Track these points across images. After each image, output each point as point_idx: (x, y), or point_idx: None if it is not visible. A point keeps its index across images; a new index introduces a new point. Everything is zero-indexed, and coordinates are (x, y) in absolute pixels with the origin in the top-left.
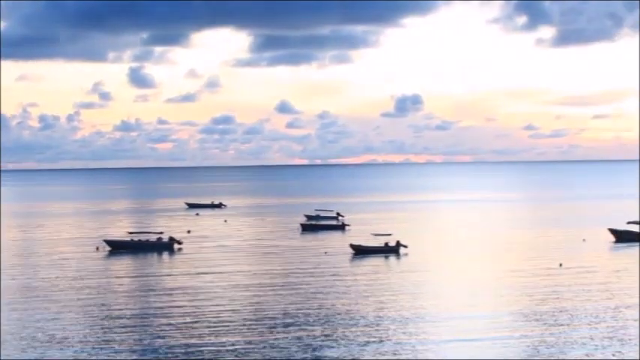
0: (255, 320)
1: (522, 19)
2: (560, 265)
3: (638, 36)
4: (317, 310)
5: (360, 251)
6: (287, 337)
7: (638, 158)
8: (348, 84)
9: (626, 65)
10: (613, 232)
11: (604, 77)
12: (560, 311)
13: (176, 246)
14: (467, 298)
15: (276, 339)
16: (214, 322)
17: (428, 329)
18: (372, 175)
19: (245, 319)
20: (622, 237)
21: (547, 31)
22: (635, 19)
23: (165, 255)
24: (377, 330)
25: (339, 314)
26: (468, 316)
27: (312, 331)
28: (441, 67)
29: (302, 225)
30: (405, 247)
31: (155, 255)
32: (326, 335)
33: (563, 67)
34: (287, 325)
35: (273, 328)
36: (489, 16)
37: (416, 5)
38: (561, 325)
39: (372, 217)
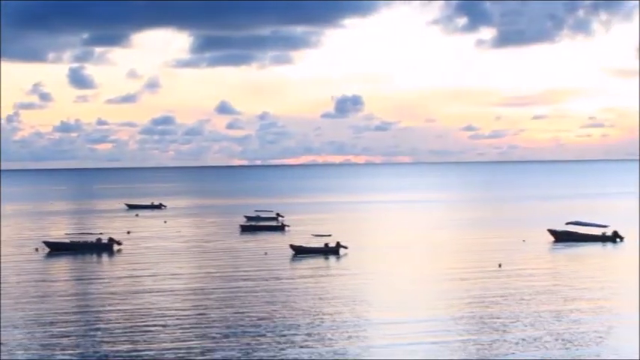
0: (194, 322)
1: (463, 20)
2: (500, 265)
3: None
4: (257, 312)
5: (300, 252)
6: (226, 339)
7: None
8: (289, 85)
9: (565, 66)
10: (552, 232)
11: (544, 78)
12: (500, 312)
13: (115, 247)
14: (406, 299)
15: (215, 341)
16: (152, 324)
17: (366, 332)
18: (312, 176)
19: (183, 320)
20: (561, 237)
21: (487, 32)
22: (575, 20)
23: (105, 256)
24: (315, 331)
25: (278, 315)
26: (406, 318)
27: (251, 332)
28: (382, 68)
29: (242, 226)
30: (345, 247)
31: (94, 256)
32: (265, 336)
33: (503, 68)
34: (227, 327)
35: (213, 330)
36: (430, 17)
37: (357, 6)
38: (500, 326)
39: (312, 217)
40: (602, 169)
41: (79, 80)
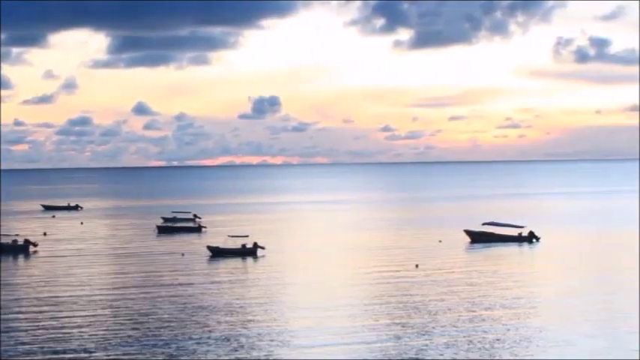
0: (110, 324)
1: (380, 22)
2: (417, 266)
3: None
4: (173, 313)
5: (218, 253)
6: (141, 342)
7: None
8: (206, 85)
9: (482, 67)
10: (468, 233)
11: (461, 79)
12: (417, 312)
13: (31, 248)
14: (323, 300)
15: (130, 343)
16: (68, 326)
17: (282, 333)
18: (229, 177)
19: (99, 321)
20: (477, 238)
21: (405, 33)
22: (492, 21)
23: (21, 257)
24: (231, 333)
25: (195, 317)
26: (323, 319)
27: (168, 334)
28: (299, 69)
29: (158, 227)
30: (263, 248)
31: (10, 257)
32: (183, 337)
33: (420, 69)
34: (143, 330)
35: (128, 332)
36: (347, 18)
37: (275, 7)
38: (417, 327)
39: (229, 218)
40: (518, 169)
41: None
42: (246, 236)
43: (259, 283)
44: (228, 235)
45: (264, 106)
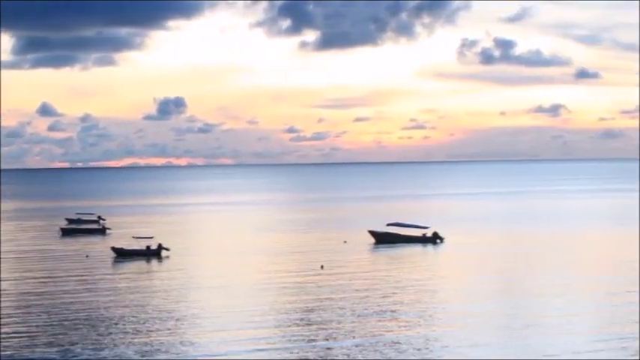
0: (12, 326)
1: (286, 23)
2: (322, 267)
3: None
4: (76, 314)
5: (122, 254)
6: (42, 343)
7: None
8: (112, 86)
9: (388, 68)
10: (373, 234)
11: (366, 80)
12: (322, 313)
13: None
14: (227, 302)
15: (30, 347)
16: None
17: (186, 335)
18: (134, 179)
19: (2, 324)
20: (382, 239)
21: (311, 35)
22: (398, 23)
23: None
24: (135, 335)
25: (98, 318)
26: (227, 322)
27: (71, 334)
28: (205, 70)
29: (62, 229)
30: (167, 249)
31: None
32: (84, 339)
33: (326, 70)
34: (44, 331)
35: (30, 333)
36: (254, 19)
37: (181, 7)
38: (322, 327)
39: (134, 220)
40: (423, 170)
41: None
42: (151, 237)
43: (163, 284)
44: (133, 237)
45: (170, 107)
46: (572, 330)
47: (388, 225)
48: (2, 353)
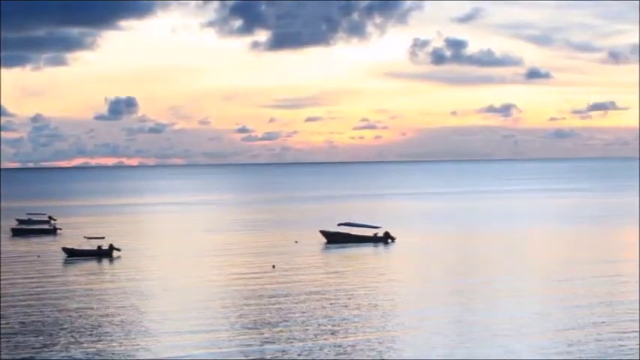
0: None
1: (238, 22)
2: (274, 267)
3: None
4: (26, 316)
5: (73, 255)
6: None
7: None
8: (63, 86)
9: (339, 68)
10: (324, 233)
11: (318, 80)
12: (274, 313)
13: None
14: (179, 303)
15: None
16: None
17: (137, 336)
18: (85, 179)
19: None
20: (333, 239)
21: (263, 35)
22: (350, 23)
23: None
24: (86, 335)
25: (47, 319)
26: (179, 323)
27: (21, 336)
28: (157, 70)
29: (13, 229)
30: (119, 250)
31: None
32: (34, 339)
33: (278, 70)
34: None
35: None
36: (205, 19)
37: (132, 7)
38: (272, 327)
39: (85, 220)
40: (374, 170)
41: None
42: (102, 238)
43: (114, 285)
44: (84, 237)
45: (121, 107)
46: (521, 332)
47: (339, 225)
48: None
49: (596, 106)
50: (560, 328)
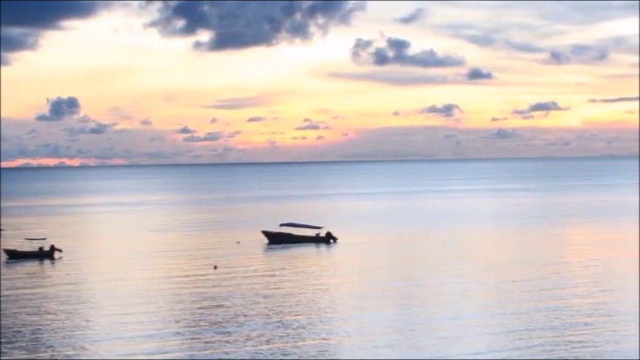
0: None
1: (181, 23)
2: (215, 267)
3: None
4: None
5: (14, 256)
6: None
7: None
8: (4, 87)
9: (282, 68)
10: (266, 234)
11: (260, 80)
12: (215, 313)
13: None
14: (121, 304)
15: None
16: None
17: (80, 337)
18: (27, 179)
19: None
20: (275, 239)
21: (205, 35)
22: (292, 23)
23: None
24: (25, 335)
25: None
26: (121, 324)
27: None
28: (99, 70)
29: None
30: (60, 251)
31: None
32: None
33: (220, 70)
34: None
35: None
36: (148, 19)
37: (75, 7)
38: (214, 326)
39: (27, 221)
40: (316, 170)
41: None
42: (44, 239)
43: (56, 286)
44: (25, 238)
45: (63, 107)
46: (463, 332)
47: (281, 225)
48: None
49: (538, 107)
50: (502, 330)
